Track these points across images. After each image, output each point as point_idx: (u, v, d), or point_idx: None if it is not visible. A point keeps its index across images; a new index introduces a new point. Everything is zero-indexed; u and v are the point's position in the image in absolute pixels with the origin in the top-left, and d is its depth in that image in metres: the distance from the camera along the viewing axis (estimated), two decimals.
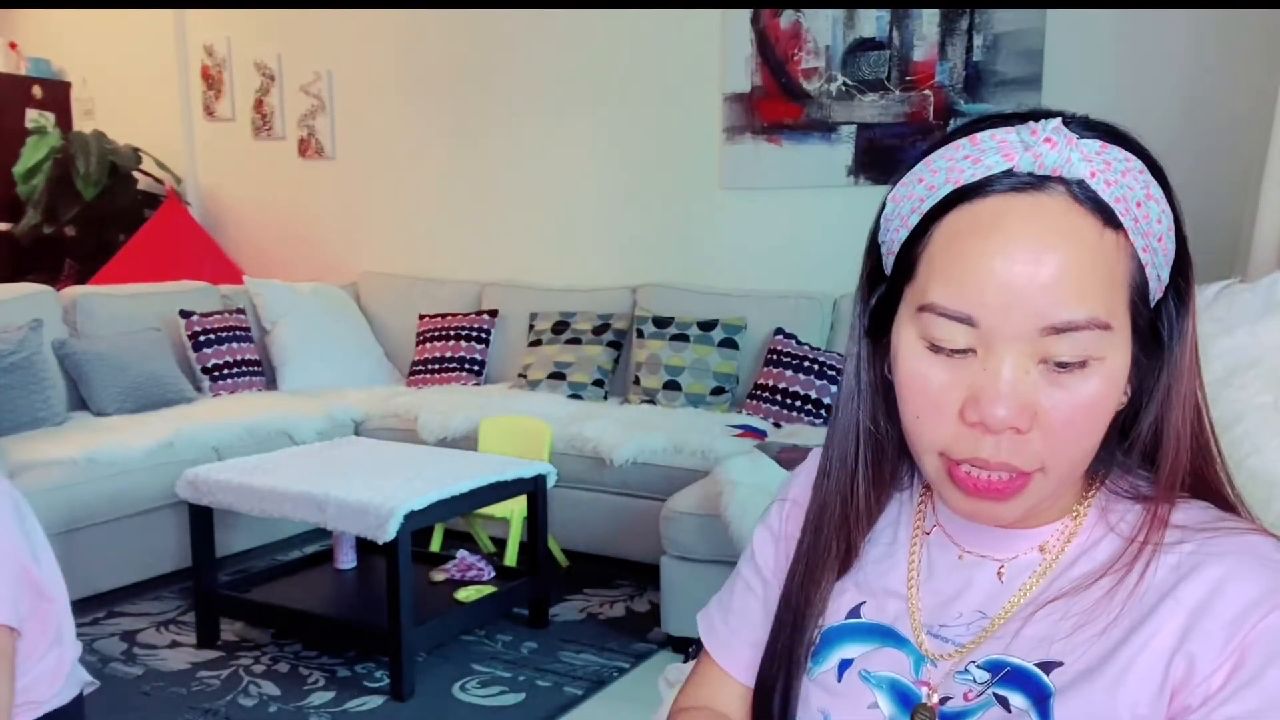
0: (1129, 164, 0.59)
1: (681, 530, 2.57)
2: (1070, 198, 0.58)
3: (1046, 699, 0.61)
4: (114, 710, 2.41)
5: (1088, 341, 0.57)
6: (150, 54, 5.10)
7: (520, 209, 4.36)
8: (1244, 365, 1.22)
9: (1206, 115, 3.16)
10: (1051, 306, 0.57)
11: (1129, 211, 0.58)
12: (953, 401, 0.60)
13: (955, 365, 0.60)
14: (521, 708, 2.42)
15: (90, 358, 3.57)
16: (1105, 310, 0.57)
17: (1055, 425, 0.59)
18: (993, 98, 3.43)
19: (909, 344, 0.62)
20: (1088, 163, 0.58)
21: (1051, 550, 0.66)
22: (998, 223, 0.58)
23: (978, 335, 0.58)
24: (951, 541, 0.70)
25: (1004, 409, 0.58)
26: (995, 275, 0.57)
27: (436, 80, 4.46)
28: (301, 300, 4.23)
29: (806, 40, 3.72)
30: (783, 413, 3.40)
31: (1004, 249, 0.57)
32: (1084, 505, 0.67)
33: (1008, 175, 0.58)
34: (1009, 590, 0.66)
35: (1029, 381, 0.58)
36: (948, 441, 0.61)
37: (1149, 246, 0.59)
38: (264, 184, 4.95)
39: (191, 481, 2.65)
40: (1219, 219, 3.06)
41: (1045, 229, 0.57)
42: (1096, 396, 0.59)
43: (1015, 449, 0.59)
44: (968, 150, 0.60)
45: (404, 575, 2.37)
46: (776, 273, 3.80)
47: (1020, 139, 0.58)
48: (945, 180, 0.60)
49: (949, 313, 0.59)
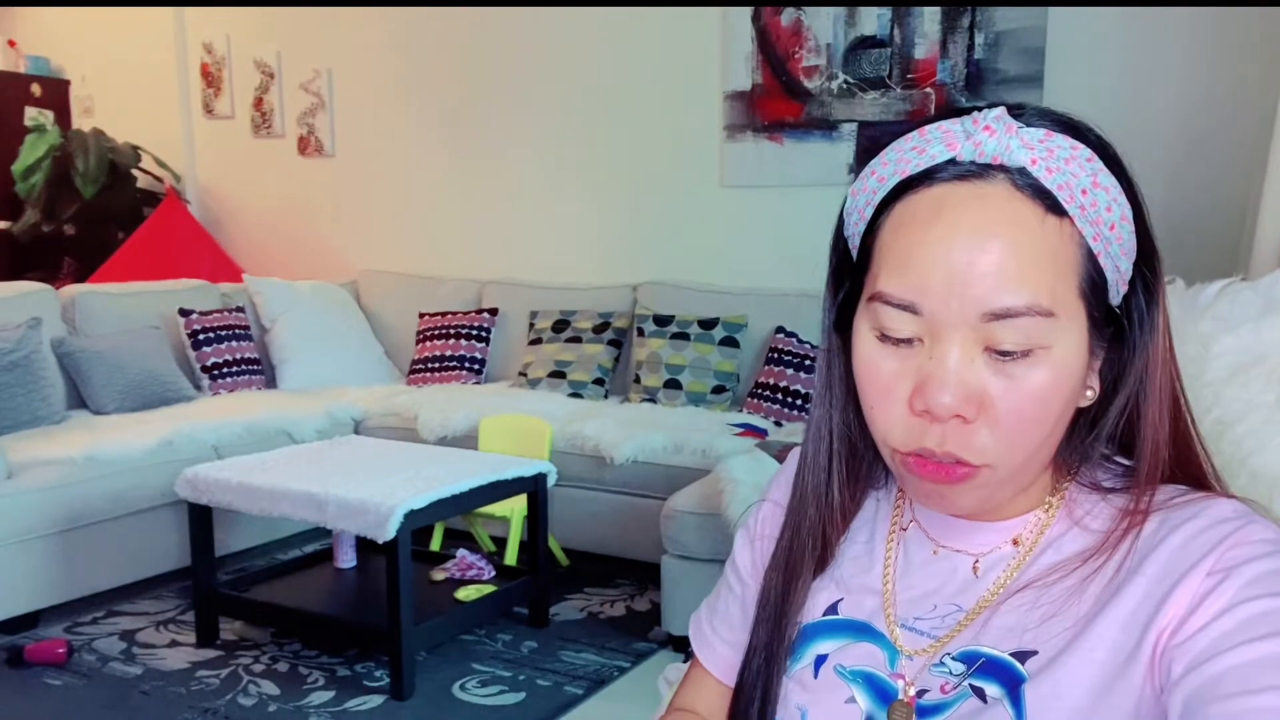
0: (1074, 152, 0.59)
1: (682, 529, 2.56)
2: (1011, 185, 0.58)
3: (1019, 685, 0.61)
4: (113, 710, 2.40)
5: (1030, 328, 0.57)
6: (149, 52, 5.09)
7: (520, 207, 4.36)
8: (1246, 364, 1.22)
9: (1208, 112, 3.15)
10: (991, 292, 0.57)
11: (1073, 199, 0.58)
12: (902, 390, 0.60)
13: (904, 354, 0.60)
14: (522, 707, 2.41)
15: (89, 356, 3.56)
16: (1048, 297, 0.57)
17: (1001, 416, 0.58)
18: (994, 95, 3.42)
19: (863, 334, 0.63)
20: (1028, 150, 0.58)
21: (1025, 543, 0.67)
22: (939, 211, 0.59)
23: (923, 323, 0.59)
24: (927, 536, 0.71)
25: (949, 395, 0.58)
26: (936, 263, 0.58)
27: (436, 78, 4.45)
28: (301, 298, 4.22)
29: (807, 38, 3.71)
30: (784, 411, 3.40)
31: (945, 237, 0.58)
32: (1055, 498, 0.67)
33: (951, 164, 0.59)
34: (984, 583, 0.67)
35: (974, 370, 0.58)
36: (898, 432, 0.61)
37: (1099, 235, 0.59)
38: (263, 182, 4.94)
39: (191, 480, 2.64)
40: (1221, 216, 3.06)
41: (986, 216, 0.57)
42: (1044, 387, 0.58)
43: (962, 441, 0.59)
44: (915, 142, 0.61)
45: (404, 574, 2.37)
46: (777, 271, 3.79)
47: (963, 129, 0.60)
48: (894, 172, 0.62)
49: (894, 300, 0.60)
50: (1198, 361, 1.22)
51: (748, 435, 3.14)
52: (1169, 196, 3.19)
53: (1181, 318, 1.26)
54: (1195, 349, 1.22)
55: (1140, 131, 3.22)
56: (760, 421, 3.33)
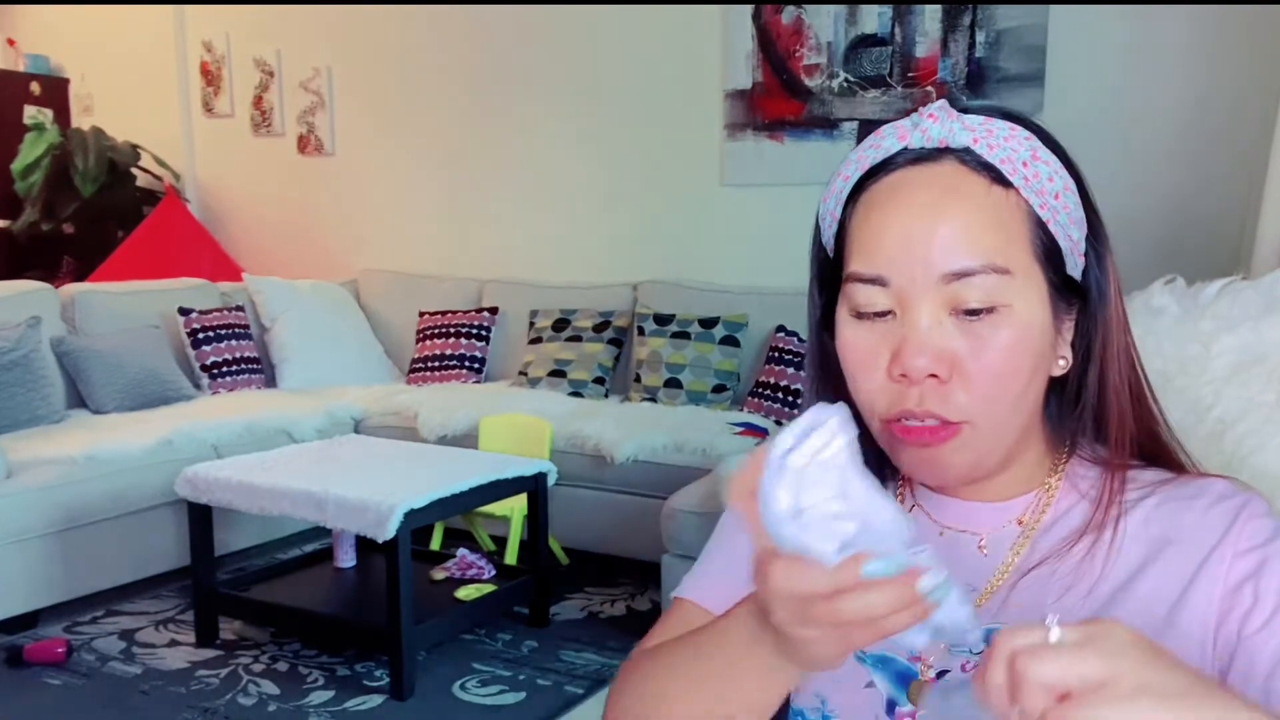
0: (1013, 132, 0.65)
1: (683, 528, 2.56)
2: (959, 163, 0.64)
3: None
4: (112, 709, 2.40)
5: (989, 286, 0.62)
6: (149, 50, 5.09)
7: (521, 205, 4.35)
8: (1246, 363, 1.22)
9: (1209, 111, 3.15)
10: (949, 255, 0.62)
11: (1016, 171, 0.64)
12: (879, 360, 0.65)
13: (879, 328, 0.65)
14: (522, 707, 2.41)
15: (89, 355, 3.56)
16: (1001, 257, 0.62)
17: (973, 374, 0.63)
18: (995, 94, 3.41)
19: (842, 318, 0.67)
20: (969, 132, 0.64)
21: (1028, 522, 0.70)
22: (896, 191, 0.65)
23: (893, 295, 0.64)
24: (931, 519, 0.73)
25: (922, 358, 0.62)
26: (897, 235, 0.63)
27: (436, 76, 4.45)
28: (301, 297, 4.22)
29: (808, 36, 3.70)
30: (784, 410, 3.39)
31: (902, 212, 0.64)
32: (1054, 478, 0.70)
33: (904, 152, 0.66)
34: (993, 562, 0.69)
35: (943, 331, 0.63)
36: (880, 400, 0.65)
37: (1045, 203, 0.64)
38: (263, 181, 4.93)
39: (190, 480, 2.64)
40: (1222, 215, 3.05)
41: (938, 191, 0.63)
42: (1009, 343, 0.63)
43: (939, 399, 0.63)
44: (871, 141, 0.68)
45: (404, 574, 2.36)
46: (778, 270, 3.78)
47: (910, 121, 0.66)
48: (855, 170, 0.68)
49: (864, 277, 0.65)
50: (1199, 360, 1.21)
51: (748, 434, 3.14)
52: (1170, 195, 3.19)
53: (1182, 317, 1.25)
54: (1196, 348, 1.22)
55: (1141, 130, 3.21)
56: (761, 420, 3.33)
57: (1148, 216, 3.14)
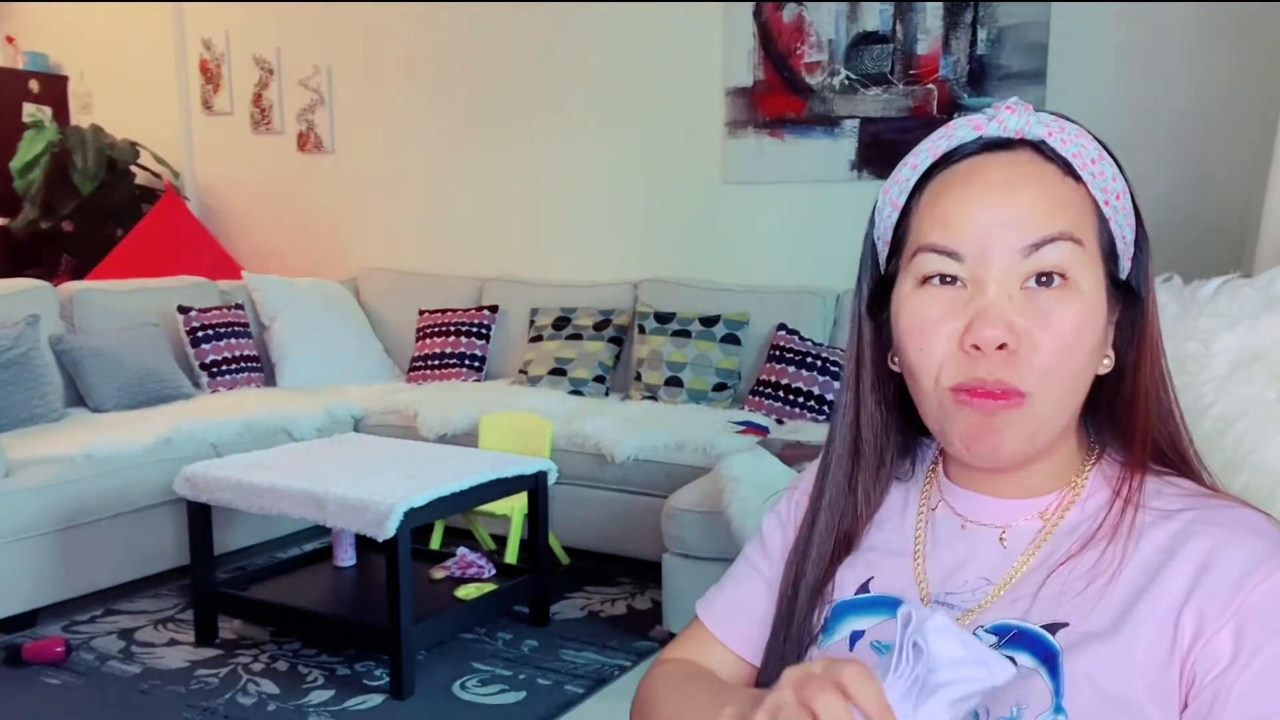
0: (1081, 133, 0.68)
1: (683, 527, 2.55)
2: (1034, 152, 0.67)
3: (1054, 658, 0.64)
4: (112, 709, 2.39)
5: (1064, 254, 0.65)
6: (148, 48, 5.07)
7: (521, 203, 4.34)
8: (1246, 361, 1.22)
9: (1211, 108, 3.14)
10: (1027, 229, 0.65)
11: (1085, 167, 0.67)
12: (949, 331, 0.66)
13: (948, 298, 0.67)
14: (522, 706, 2.40)
15: (88, 354, 3.55)
16: (1077, 229, 0.65)
17: (1042, 345, 0.65)
18: (997, 91, 3.40)
19: (907, 292, 0.69)
20: (1045, 126, 0.67)
21: (1050, 518, 0.70)
22: (973, 174, 0.67)
23: (966, 269, 0.66)
24: (955, 513, 0.74)
25: (993, 329, 0.64)
26: (976, 212, 0.66)
27: (436, 74, 4.44)
28: (300, 296, 4.21)
29: (809, 34, 3.69)
30: (785, 409, 3.38)
31: (981, 192, 0.66)
32: (1081, 477, 0.72)
33: (978, 141, 0.68)
34: (1012, 556, 0.70)
35: (1014, 304, 0.65)
36: (949, 366, 0.67)
37: (1109, 201, 0.67)
38: (263, 179, 4.92)
39: (189, 478, 2.63)
40: (1224, 213, 3.04)
41: (1014, 173, 0.66)
42: (1077, 319, 0.65)
43: (1009, 369, 0.65)
44: (942, 131, 0.70)
45: (404, 573, 2.35)
46: (779, 268, 3.78)
47: (985, 114, 0.69)
48: (926, 158, 0.70)
49: (939, 248, 0.67)
50: (1198, 359, 1.21)
51: (749, 433, 3.13)
52: (1172, 193, 3.18)
53: (1180, 314, 1.25)
54: (1195, 346, 1.22)
55: (1143, 127, 3.20)
56: (762, 419, 3.32)
57: (1148, 214, 3.03)
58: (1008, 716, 0.64)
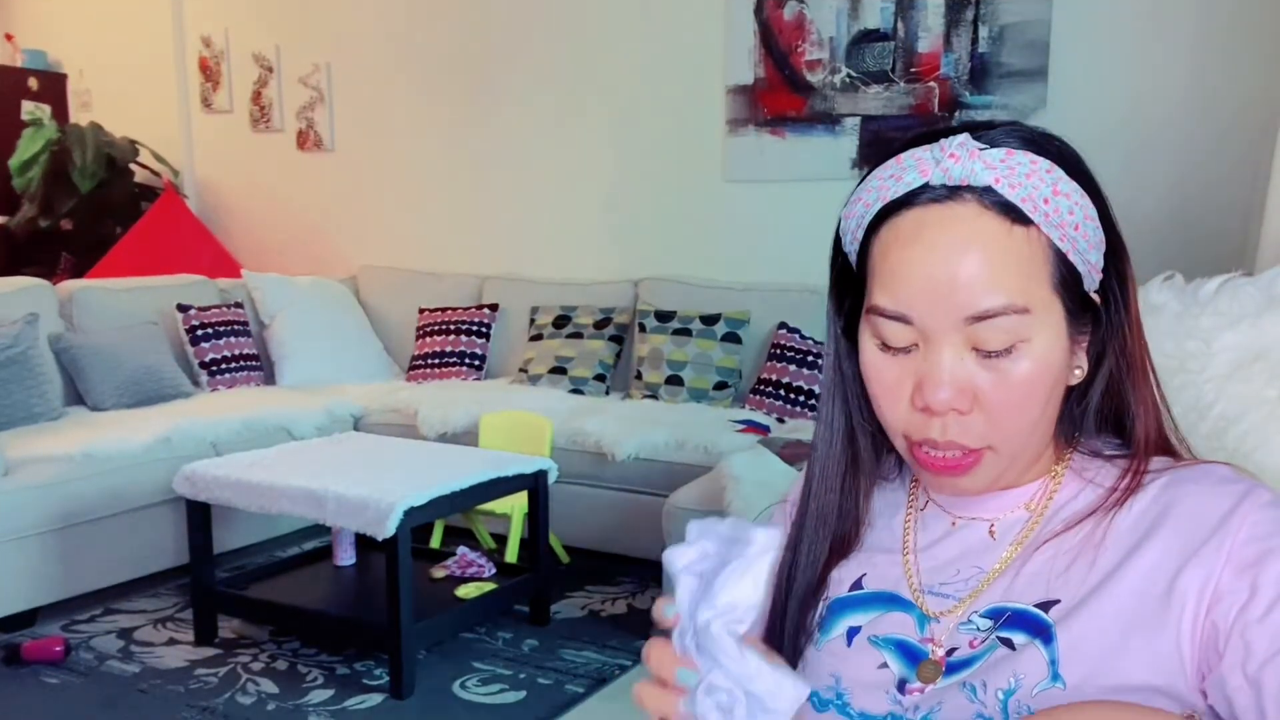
0: (1034, 166, 0.65)
1: (684, 526, 2.53)
2: (979, 204, 0.65)
3: (1047, 630, 0.67)
4: (111, 708, 2.39)
5: (1009, 325, 0.65)
6: (147, 46, 5.06)
7: (521, 202, 4.33)
8: (1248, 359, 1.21)
9: (1213, 106, 3.13)
10: (971, 299, 0.64)
11: (1036, 209, 0.65)
12: (905, 391, 0.68)
13: (903, 361, 0.68)
14: (522, 705, 2.39)
15: (87, 352, 3.54)
16: (1021, 297, 0.65)
17: (994, 405, 0.66)
18: (998, 89, 3.39)
19: (866, 343, 0.71)
20: (991, 170, 0.65)
21: (1036, 508, 0.73)
22: (919, 232, 0.66)
23: (916, 331, 0.67)
24: (944, 511, 0.76)
25: (944, 392, 0.66)
26: (920, 278, 0.66)
27: (436, 71, 4.43)
28: (300, 294, 4.20)
29: (810, 32, 3.68)
30: (786, 408, 3.38)
31: (925, 254, 0.66)
32: (1061, 466, 0.74)
33: (925, 189, 0.66)
34: (1001, 545, 0.73)
35: (965, 367, 0.66)
36: (905, 425, 0.69)
37: (1065, 235, 0.66)
38: (262, 177, 4.92)
39: (189, 477, 2.63)
40: (1226, 211, 3.04)
41: (959, 234, 0.65)
42: (1029, 376, 0.66)
43: (961, 429, 0.67)
44: (893, 170, 0.68)
45: (404, 572, 2.35)
46: (780, 266, 3.77)
47: (932, 155, 0.67)
48: (877, 198, 0.69)
49: (888, 313, 0.67)
50: (1199, 357, 1.21)
51: (750, 432, 3.12)
52: (1173, 191, 3.17)
53: (1181, 313, 1.24)
54: (1197, 345, 1.21)
55: (1144, 125, 3.19)
56: (763, 418, 3.31)
57: (1149, 212, 3.13)
58: (1006, 688, 0.66)
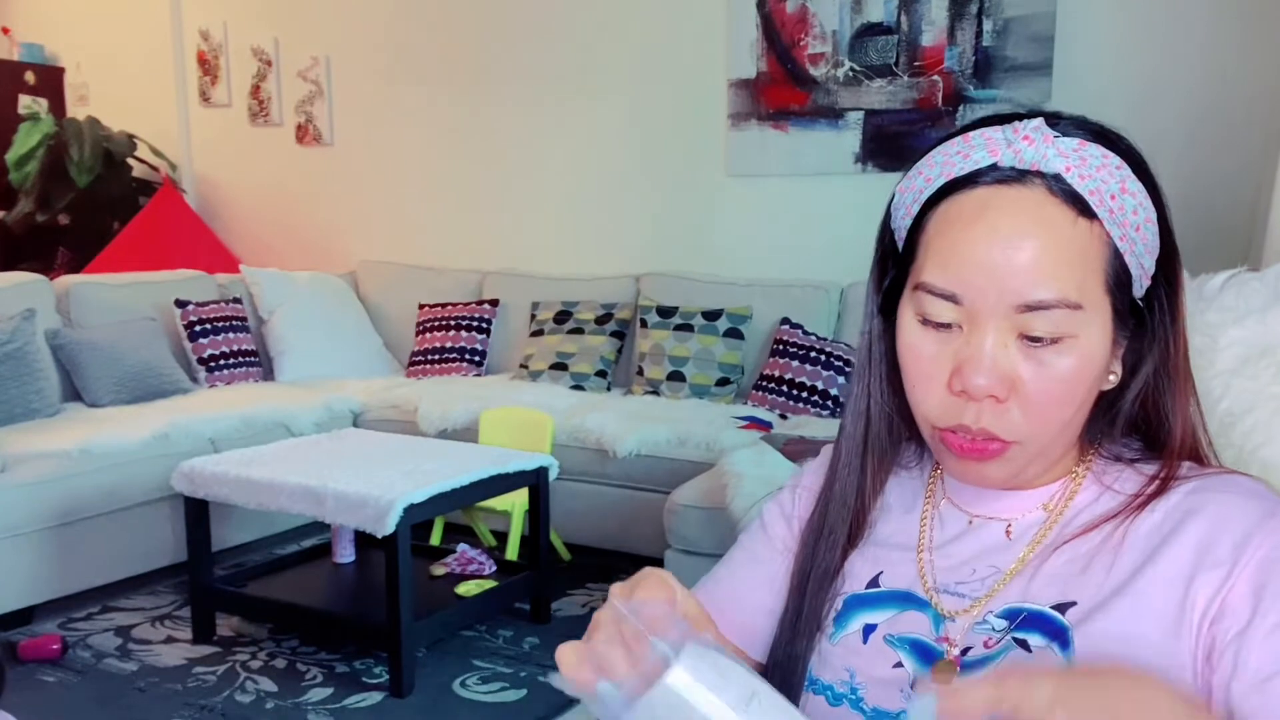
0: (1105, 160, 0.64)
1: (686, 523, 2.53)
2: (1047, 190, 0.64)
3: (1064, 633, 0.66)
4: (108, 707, 2.37)
5: (1060, 319, 0.63)
6: (145, 39, 5.04)
7: (522, 196, 4.31)
8: (1254, 355, 1.21)
9: (1221, 101, 3.11)
10: (1026, 286, 0.63)
11: (1103, 203, 0.64)
12: (941, 372, 0.67)
13: (943, 339, 0.66)
14: (523, 704, 2.38)
15: (84, 348, 3.52)
16: (1076, 292, 0.63)
17: (1032, 397, 0.65)
18: (1002, 84, 3.37)
19: (907, 320, 0.69)
20: (1063, 159, 0.64)
21: (1054, 509, 0.72)
22: (981, 212, 0.65)
23: (963, 312, 0.65)
24: (960, 509, 0.75)
25: (984, 378, 0.64)
26: (977, 259, 0.64)
27: (436, 66, 4.40)
28: (299, 289, 4.18)
29: (813, 25, 3.66)
30: (789, 404, 3.36)
31: (986, 236, 0.64)
32: (1081, 468, 0.73)
33: (993, 169, 0.65)
34: (1018, 545, 0.72)
35: (1008, 355, 0.64)
36: (936, 410, 0.68)
37: (1125, 235, 0.65)
38: (261, 171, 4.89)
39: (187, 474, 2.61)
40: (1232, 207, 3.01)
41: (1023, 218, 0.63)
42: (1071, 372, 0.65)
43: (995, 418, 0.65)
44: (960, 147, 0.67)
45: (403, 569, 2.33)
46: (783, 261, 3.75)
47: (1004, 136, 0.65)
48: (940, 174, 0.67)
49: (938, 291, 0.66)
50: (1206, 353, 1.21)
51: (752, 428, 3.10)
52: (1178, 186, 3.10)
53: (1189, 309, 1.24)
54: (1203, 340, 1.22)
55: (1150, 120, 3.17)
56: (765, 414, 3.29)
57: None
58: None
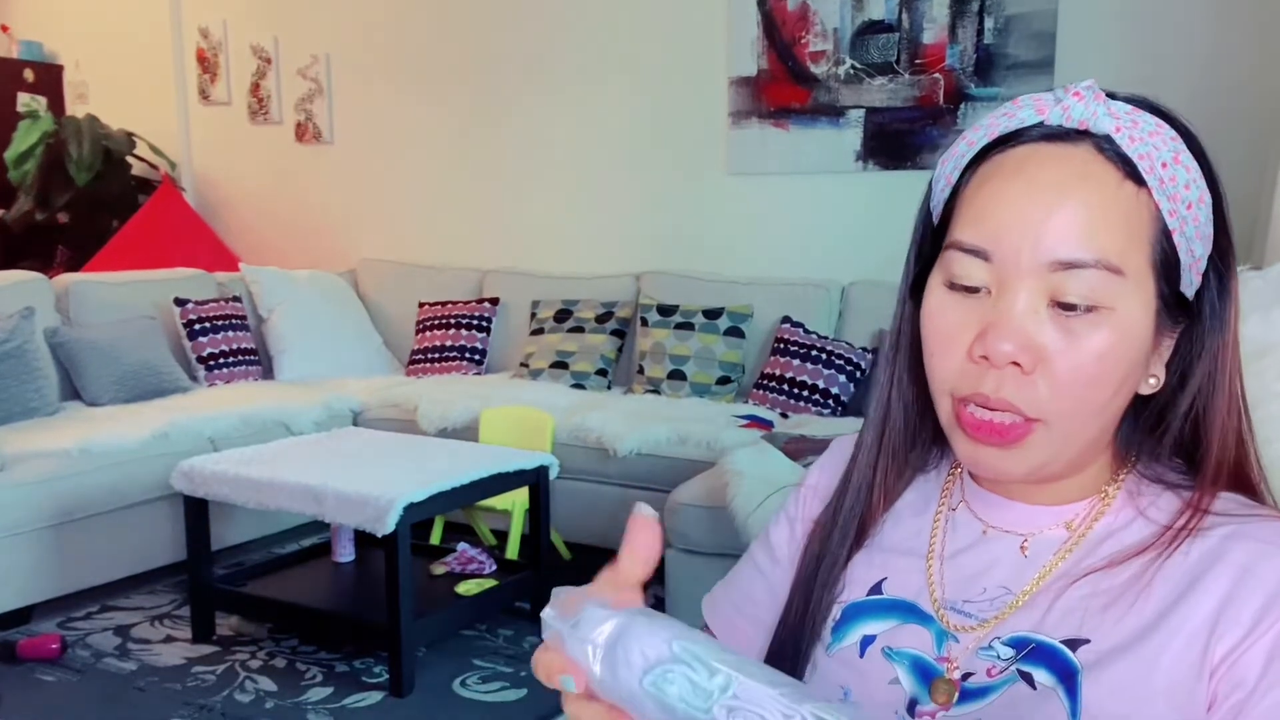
0: (1159, 128, 0.61)
1: (686, 523, 2.52)
2: (1094, 149, 0.60)
3: (1073, 676, 0.60)
4: (107, 706, 2.36)
5: (1096, 283, 0.58)
6: (145, 37, 5.03)
7: (522, 195, 4.30)
8: (1257, 353, 1.21)
9: (1223, 100, 3.10)
10: (1061, 243, 0.58)
11: (1153, 170, 0.60)
12: (964, 339, 0.62)
13: (970, 304, 0.62)
14: (523, 704, 2.37)
15: (83, 346, 3.51)
16: (1117, 256, 0.58)
17: (1060, 372, 0.59)
18: (1004, 81, 3.36)
19: (934, 285, 0.64)
20: (1114, 119, 0.60)
21: (1077, 529, 0.66)
22: (1022, 166, 0.61)
23: (993, 273, 0.60)
24: (976, 517, 0.70)
25: (1009, 343, 0.59)
26: (1012, 212, 0.60)
27: (436, 63, 4.39)
28: (299, 288, 4.17)
29: (814, 23, 3.65)
30: (790, 403, 3.35)
31: (1024, 189, 0.60)
32: (1113, 487, 0.66)
33: (1039, 126, 0.62)
34: (1034, 566, 0.66)
35: (1037, 320, 0.59)
36: (955, 378, 0.62)
37: (1175, 211, 0.60)
38: (260, 169, 4.88)
39: (186, 473, 2.60)
40: (1235, 205, 2.99)
41: (1066, 174, 0.59)
42: (1105, 347, 0.59)
43: (1017, 389, 0.60)
44: (1005, 109, 0.64)
45: (403, 568, 2.33)
46: (783, 260, 3.74)
47: (1053, 95, 0.62)
48: (984, 135, 0.64)
49: (967, 247, 0.61)
50: None
51: (753, 427, 3.10)
52: None
53: None
54: None
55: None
56: (766, 413, 3.28)
57: None
58: None
